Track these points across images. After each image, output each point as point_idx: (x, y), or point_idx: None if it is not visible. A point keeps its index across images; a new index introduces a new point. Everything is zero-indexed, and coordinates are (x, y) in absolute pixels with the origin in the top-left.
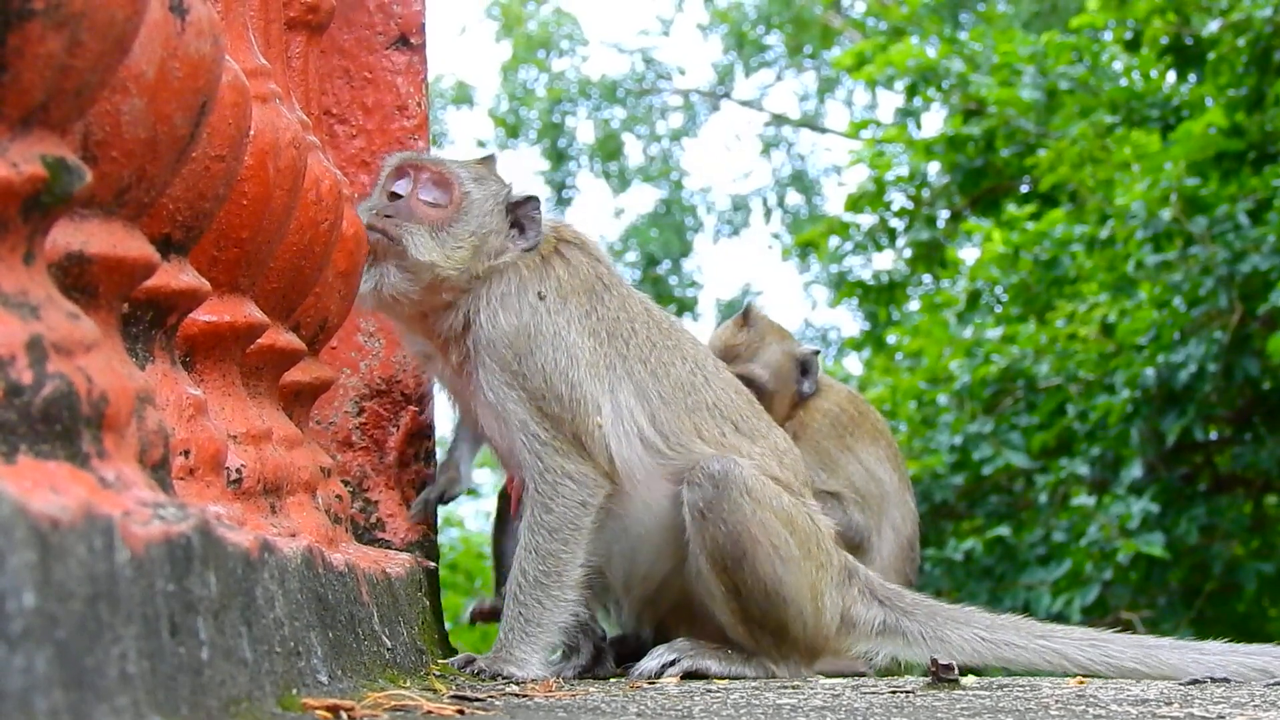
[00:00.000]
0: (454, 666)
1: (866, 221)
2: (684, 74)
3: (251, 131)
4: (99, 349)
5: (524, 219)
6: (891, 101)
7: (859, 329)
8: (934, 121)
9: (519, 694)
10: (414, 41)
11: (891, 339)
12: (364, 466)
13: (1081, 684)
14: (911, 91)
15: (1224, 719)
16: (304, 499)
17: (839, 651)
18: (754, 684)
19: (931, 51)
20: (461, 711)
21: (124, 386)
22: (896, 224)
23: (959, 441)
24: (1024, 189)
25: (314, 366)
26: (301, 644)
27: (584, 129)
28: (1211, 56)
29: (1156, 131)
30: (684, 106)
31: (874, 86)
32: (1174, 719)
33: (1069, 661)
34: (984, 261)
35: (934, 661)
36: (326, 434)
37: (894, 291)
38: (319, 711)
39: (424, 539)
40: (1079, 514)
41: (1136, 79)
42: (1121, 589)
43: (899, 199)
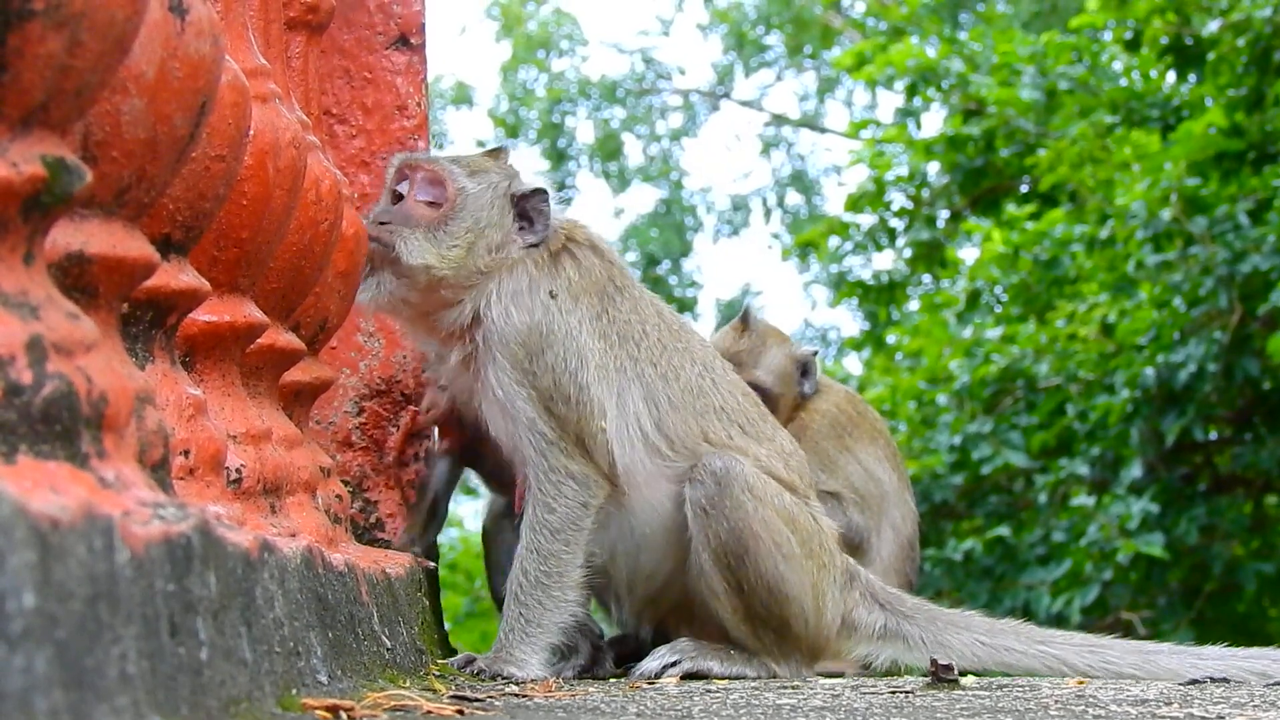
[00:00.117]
0: (454, 666)
1: (866, 221)
2: (684, 74)
3: (251, 131)
4: (99, 349)
5: (531, 211)
6: (891, 101)
7: (859, 329)
8: (934, 121)
9: (519, 694)
10: (414, 41)
11: (891, 339)
12: (364, 466)
13: (1081, 684)
14: (911, 91)
15: (1223, 719)
16: (304, 499)
17: (840, 653)
18: (754, 684)
19: (931, 51)
20: (461, 712)
21: (124, 386)
22: (896, 224)
23: (959, 441)
24: (1024, 189)
25: (314, 366)
26: (301, 644)
27: (584, 129)
28: (1211, 56)
29: (1156, 131)
30: (684, 106)
31: (874, 86)
32: (1173, 719)
33: (1068, 667)
34: (984, 261)
35: (934, 661)
36: (326, 434)
37: (894, 291)
38: (319, 711)
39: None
40: (1079, 514)
41: (1136, 79)
42: (1121, 589)
43: (899, 199)
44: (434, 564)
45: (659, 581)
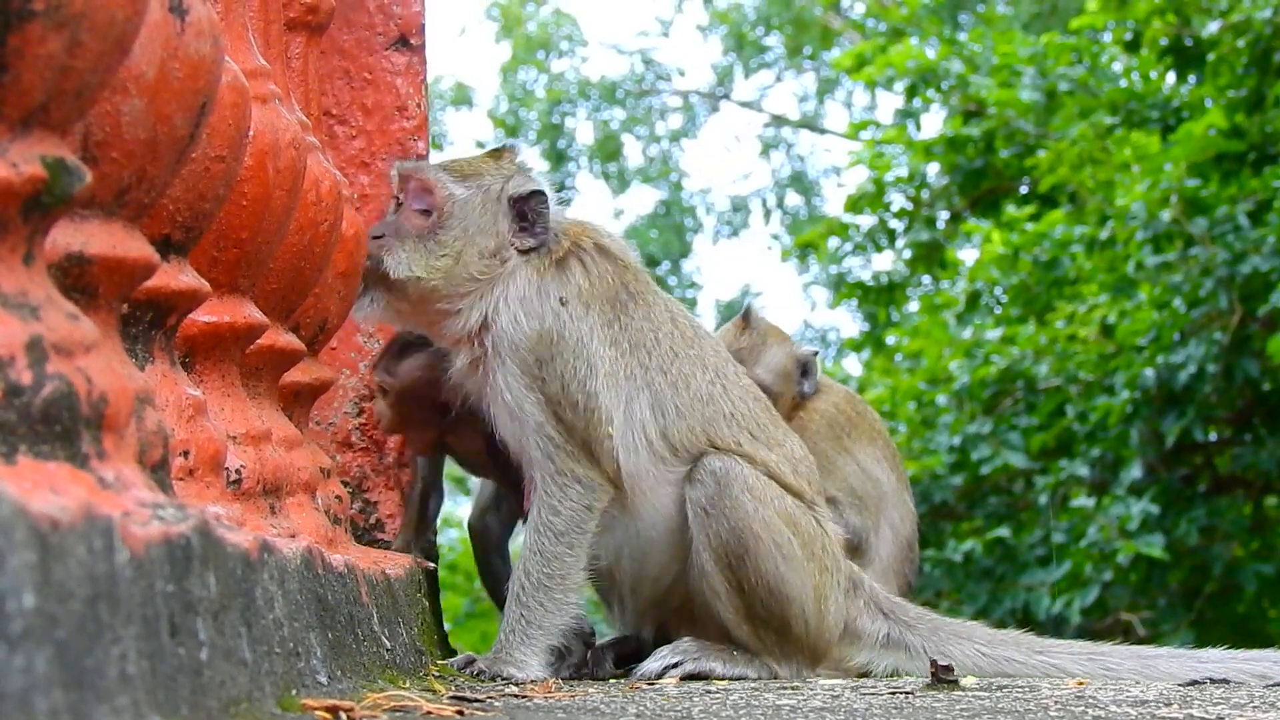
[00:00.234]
0: (453, 667)
1: (866, 222)
2: (683, 75)
3: (251, 132)
4: (99, 349)
5: (529, 214)
6: (891, 102)
7: (858, 330)
8: (933, 123)
9: (518, 695)
10: (414, 42)
11: (891, 340)
12: (363, 467)
13: (1081, 685)
14: (911, 93)
15: None
16: (303, 500)
17: (841, 660)
18: (754, 685)
19: (931, 53)
20: (461, 712)
21: (123, 387)
22: (896, 225)
23: (958, 442)
24: (1024, 190)
25: (313, 367)
26: (301, 645)
27: (583, 130)
28: (1211, 58)
29: (1156, 133)
30: (683, 107)
31: (873, 88)
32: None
33: (1068, 676)
34: (983, 262)
35: (934, 663)
36: (326, 434)
37: (893, 292)
38: (318, 712)
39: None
40: (1079, 515)
41: (1136, 80)
42: (1121, 590)
43: (898, 200)
44: (433, 565)
45: (663, 584)
